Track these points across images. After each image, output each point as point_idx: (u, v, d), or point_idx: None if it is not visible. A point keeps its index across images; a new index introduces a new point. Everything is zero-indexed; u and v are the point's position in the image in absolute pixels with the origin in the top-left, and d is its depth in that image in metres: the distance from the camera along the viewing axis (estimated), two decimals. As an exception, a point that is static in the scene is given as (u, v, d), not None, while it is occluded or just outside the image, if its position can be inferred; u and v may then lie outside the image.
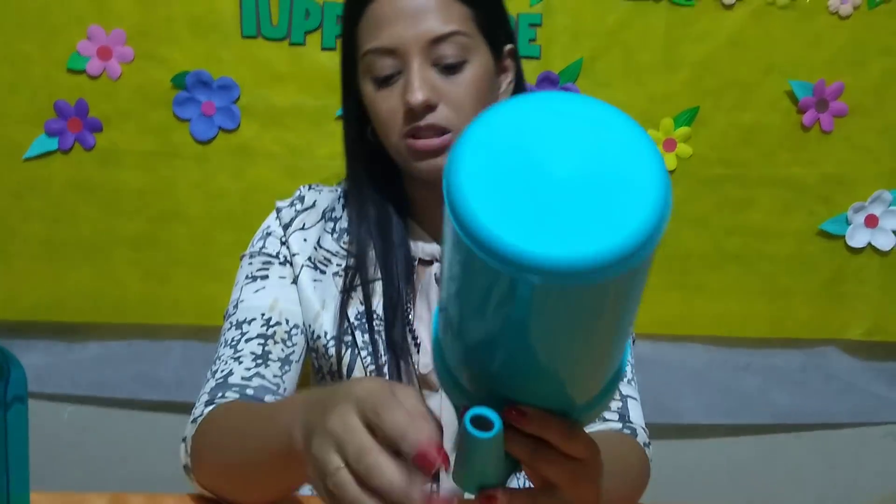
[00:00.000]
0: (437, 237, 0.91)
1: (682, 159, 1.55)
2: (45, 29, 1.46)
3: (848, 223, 1.59)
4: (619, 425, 0.92)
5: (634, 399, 0.98)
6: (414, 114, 0.82)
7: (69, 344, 1.57)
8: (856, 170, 1.58)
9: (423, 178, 0.86)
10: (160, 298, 1.53)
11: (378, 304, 0.89)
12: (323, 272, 0.92)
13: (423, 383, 0.88)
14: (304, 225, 0.94)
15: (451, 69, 0.82)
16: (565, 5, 1.50)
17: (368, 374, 0.86)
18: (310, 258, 0.92)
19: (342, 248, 0.93)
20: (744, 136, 1.55)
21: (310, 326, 0.91)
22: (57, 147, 1.48)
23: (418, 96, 0.80)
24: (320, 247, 0.93)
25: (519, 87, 0.92)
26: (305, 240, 0.93)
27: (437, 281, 0.90)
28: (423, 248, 0.92)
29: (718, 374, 1.67)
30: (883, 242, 1.59)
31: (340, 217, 0.95)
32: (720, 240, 1.58)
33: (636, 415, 0.96)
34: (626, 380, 0.99)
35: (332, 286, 0.91)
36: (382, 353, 0.88)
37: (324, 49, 1.49)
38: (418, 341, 0.89)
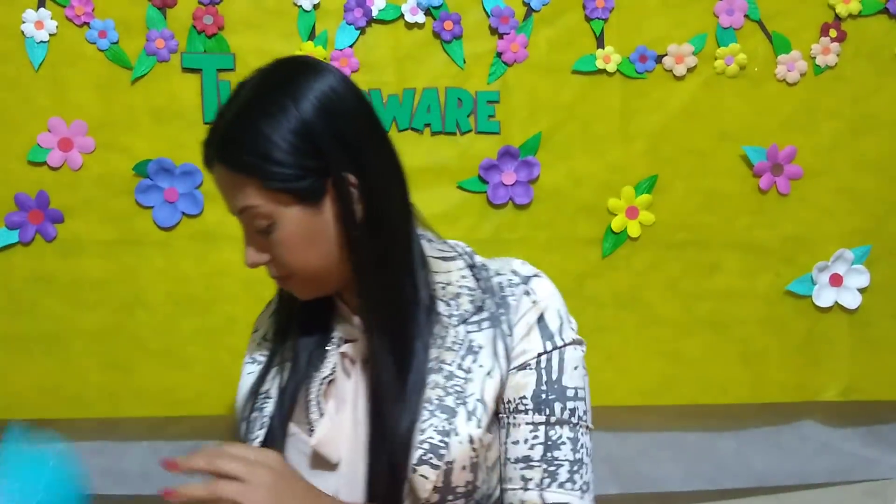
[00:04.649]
0: (359, 314, 0.96)
1: (645, 226, 1.57)
2: (4, 122, 1.46)
3: (814, 283, 1.60)
4: None
5: (556, 479, 0.89)
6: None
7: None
8: (815, 230, 1.60)
9: None
10: (122, 390, 1.50)
11: (276, 384, 0.97)
12: (258, 363, 1.02)
13: (316, 456, 0.91)
14: (256, 328, 1.07)
15: (263, 231, 0.87)
16: (522, 82, 1.54)
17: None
18: (252, 355, 1.03)
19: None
20: (704, 201, 1.58)
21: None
22: (17, 239, 1.47)
23: (247, 260, 0.90)
24: (265, 340, 1.03)
25: (380, 214, 0.88)
26: (255, 340, 1.05)
27: (347, 358, 0.94)
28: (343, 328, 0.97)
29: (694, 438, 1.66)
30: (849, 301, 1.60)
31: None
32: (691, 305, 1.59)
33: (552, 498, 0.88)
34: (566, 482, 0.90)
35: (256, 375, 1.01)
36: (257, 428, 0.94)
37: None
38: (323, 413, 0.93)
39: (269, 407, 0.95)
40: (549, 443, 0.88)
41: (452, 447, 0.85)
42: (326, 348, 0.97)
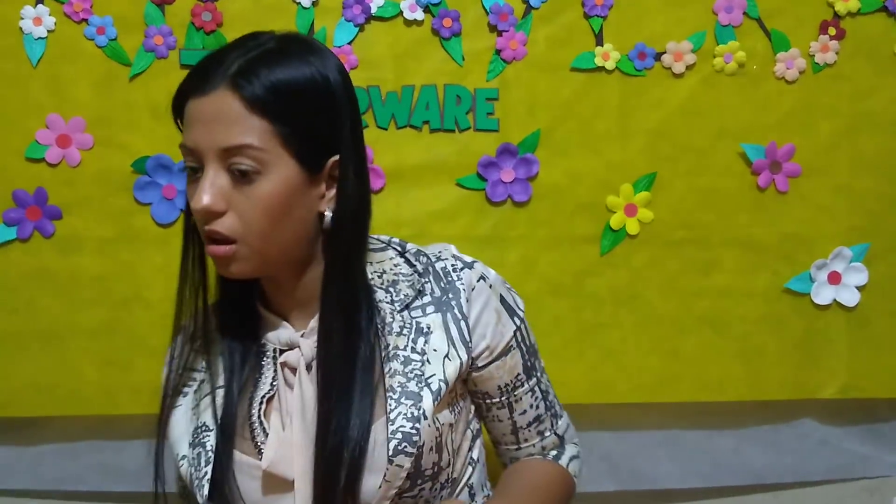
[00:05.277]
0: (291, 318, 0.93)
1: (644, 224, 1.57)
2: (2, 118, 1.46)
3: (812, 281, 1.60)
4: (543, 455, 1.03)
5: (555, 413, 1.04)
6: (203, 217, 0.83)
7: (28, 438, 1.52)
8: (814, 228, 1.60)
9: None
10: (121, 388, 1.50)
11: (207, 416, 0.91)
12: (185, 395, 0.97)
13: (269, 477, 0.88)
14: (173, 357, 1.00)
15: (243, 178, 0.82)
16: (520, 79, 1.53)
17: (196, 489, 0.88)
18: (175, 387, 0.97)
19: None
20: (702, 199, 1.58)
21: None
22: (15, 236, 1.47)
23: (202, 200, 0.81)
24: (186, 369, 0.97)
25: (349, 200, 0.88)
26: (177, 370, 0.98)
27: (287, 367, 0.90)
28: (277, 336, 0.92)
29: (692, 435, 1.66)
30: (848, 298, 1.61)
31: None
32: (690, 303, 1.59)
33: (562, 428, 1.05)
34: (541, 395, 1.02)
35: (186, 409, 0.96)
36: (203, 464, 0.89)
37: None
38: (268, 432, 0.89)
39: (211, 440, 0.90)
40: (543, 393, 1.01)
41: (423, 431, 0.86)
42: (262, 362, 0.93)
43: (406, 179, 1.53)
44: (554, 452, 1.03)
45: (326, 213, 0.88)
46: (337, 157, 0.87)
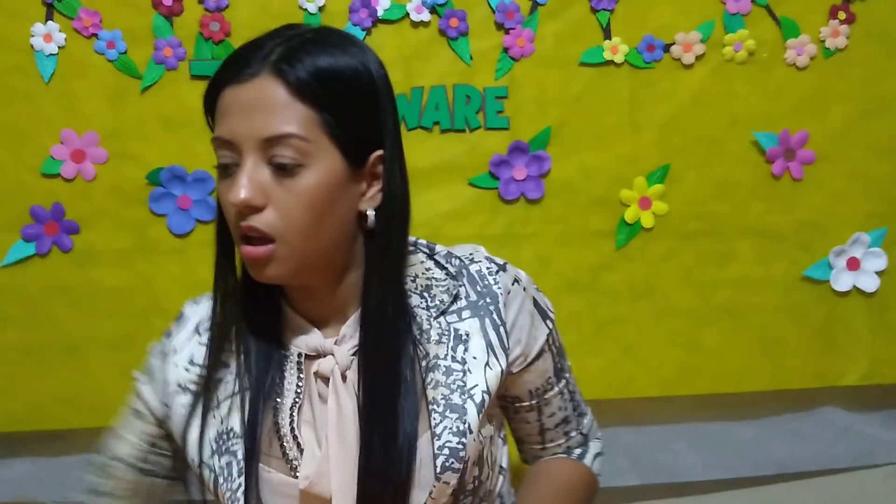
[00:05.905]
0: (319, 325, 0.87)
1: (658, 217, 1.56)
2: (17, 135, 1.47)
3: (831, 268, 1.59)
4: (567, 454, 1.02)
5: (581, 412, 1.03)
6: (240, 213, 0.77)
7: (54, 451, 1.54)
8: (830, 215, 1.59)
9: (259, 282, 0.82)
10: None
11: (235, 420, 0.85)
12: (193, 392, 0.89)
13: (307, 497, 0.81)
14: (175, 349, 0.93)
15: (285, 171, 0.76)
16: (529, 77, 1.53)
17: (227, 501, 0.83)
18: (179, 383, 0.90)
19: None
20: (716, 189, 1.57)
21: (183, 456, 0.90)
22: (34, 252, 1.48)
23: (240, 195, 0.75)
24: (193, 364, 0.90)
25: (394, 198, 0.84)
26: (177, 364, 0.92)
27: (319, 377, 0.85)
28: (305, 341, 0.86)
29: (713, 427, 1.65)
30: (867, 284, 1.59)
31: None
32: (707, 294, 1.59)
33: (587, 426, 1.03)
34: (567, 394, 1.00)
35: (200, 408, 0.88)
36: (235, 475, 0.83)
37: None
38: (302, 447, 0.83)
39: (241, 449, 0.83)
40: (571, 394, 0.99)
41: (469, 446, 0.83)
42: (283, 367, 0.87)
43: (418, 181, 1.51)
44: (578, 451, 1.02)
45: (369, 212, 0.82)
46: (380, 153, 0.82)
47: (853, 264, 1.59)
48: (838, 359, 1.61)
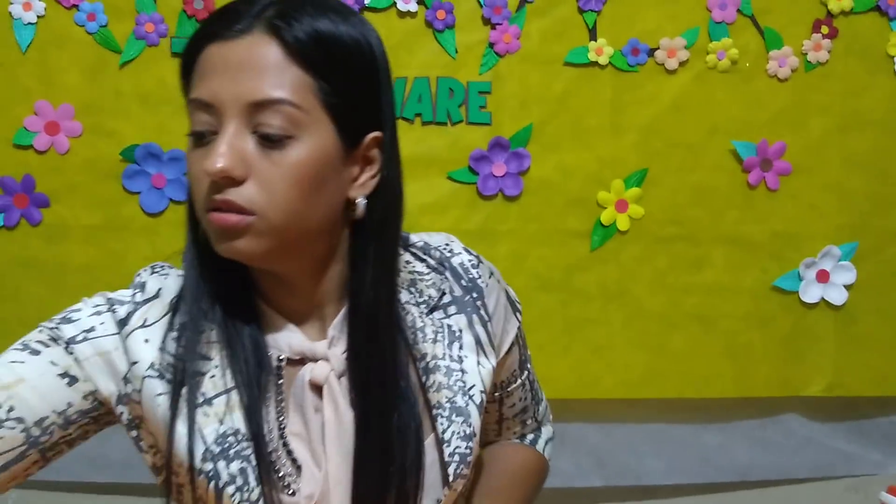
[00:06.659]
0: (296, 322, 0.77)
1: (634, 220, 1.57)
2: (-10, 105, 1.45)
3: (800, 279, 1.61)
4: (521, 439, 1.00)
5: (535, 398, 0.99)
6: (216, 184, 0.67)
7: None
8: (803, 226, 1.61)
9: (225, 257, 0.70)
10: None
11: (238, 420, 0.72)
12: (170, 382, 0.73)
13: None
14: (145, 321, 0.75)
15: (271, 142, 0.67)
16: (513, 73, 1.53)
17: None
18: (153, 365, 0.73)
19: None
20: (693, 195, 1.58)
21: (167, 456, 0.73)
22: (2, 224, 1.46)
23: (217, 163, 0.65)
24: (165, 350, 0.74)
25: (390, 187, 0.76)
26: (147, 340, 0.74)
27: (312, 386, 0.75)
28: (287, 342, 0.76)
29: (678, 432, 1.66)
30: (835, 297, 1.61)
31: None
32: (678, 299, 1.60)
33: (541, 413, 1.01)
34: (528, 382, 0.97)
35: (184, 405, 0.73)
36: (254, 483, 0.71)
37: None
38: (298, 463, 0.74)
39: (252, 452, 0.72)
40: (531, 384, 0.96)
41: (474, 450, 0.79)
42: (263, 373, 0.75)
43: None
44: (531, 437, 1.00)
45: (359, 200, 0.73)
46: (377, 135, 0.74)
47: (823, 276, 1.61)
48: (803, 369, 1.63)
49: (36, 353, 0.75)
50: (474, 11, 1.52)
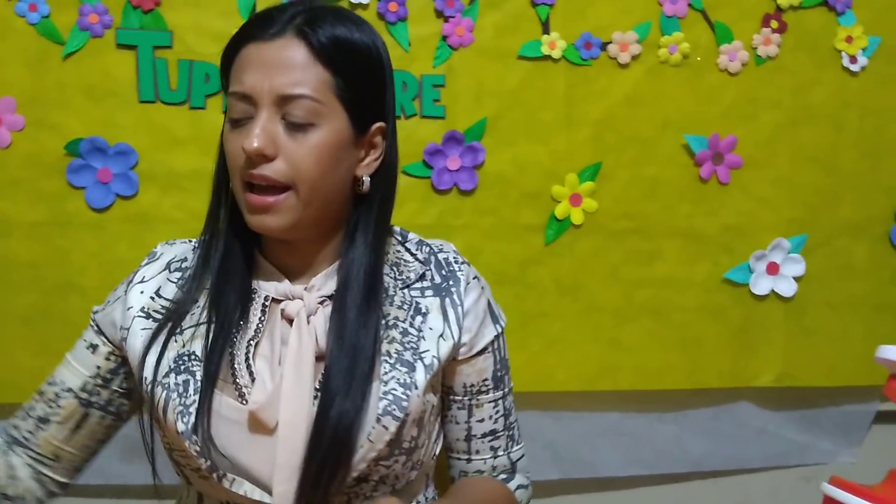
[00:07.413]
0: (289, 275, 0.93)
1: (588, 214, 1.57)
2: (-72, 98, 1.40)
3: (751, 271, 1.63)
4: (492, 476, 1.02)
5: (513, 437, 1.04)
6: (251, 160, 0.84)
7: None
8: (754, 219, 1.63)
9: (255, 230, 0.89)
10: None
11: (198, 346, 0.90)
12: (156, 321, 0.92)
13: (253, 421, 0.87)
14: (143, 278, 0.96)
15: (295, 127, 0.84)
16: (467, 67, 1.52)
17: (177, 415, 0.86)
18: (143, 308, 0.93)
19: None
20: (646, 189, 1.59)
21: (138, 376, 0.92)
22: (-59, 220, 1.42)
23: (254, 143, 0.83)
24: (158, 296, 0.94)
25: (389, 169, 0.94)
26: (142, 292, 0.94)
27: (285, 318, 0.91)
28: (275, 287, 0.93)
29: (633, 424, 1.67)
30: (785, 289, 1.64)
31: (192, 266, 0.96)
32: (631, 292, 1.61)
33: (516, 455, 1.04)
34: (509, 428, 1.03)
35: (164, 334, 0.92)
36: (192, 392, 0.88)
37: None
38: (254, 377, 0.89)
39: (200, 370, 0.89)
40: (506, 412, 1.01)
41: (412, 400, 0.88)
42: (248, 307, 0.93)
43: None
44: (504, 476, 1.02)
45: (365, 177, 0.91)
46: (381, 125, 0.91)
47: (772, 269, 1.63)
48: (754, 360, 1.65)
49: (81, 338, 0.98)
50: (427, 4, 1.51)
